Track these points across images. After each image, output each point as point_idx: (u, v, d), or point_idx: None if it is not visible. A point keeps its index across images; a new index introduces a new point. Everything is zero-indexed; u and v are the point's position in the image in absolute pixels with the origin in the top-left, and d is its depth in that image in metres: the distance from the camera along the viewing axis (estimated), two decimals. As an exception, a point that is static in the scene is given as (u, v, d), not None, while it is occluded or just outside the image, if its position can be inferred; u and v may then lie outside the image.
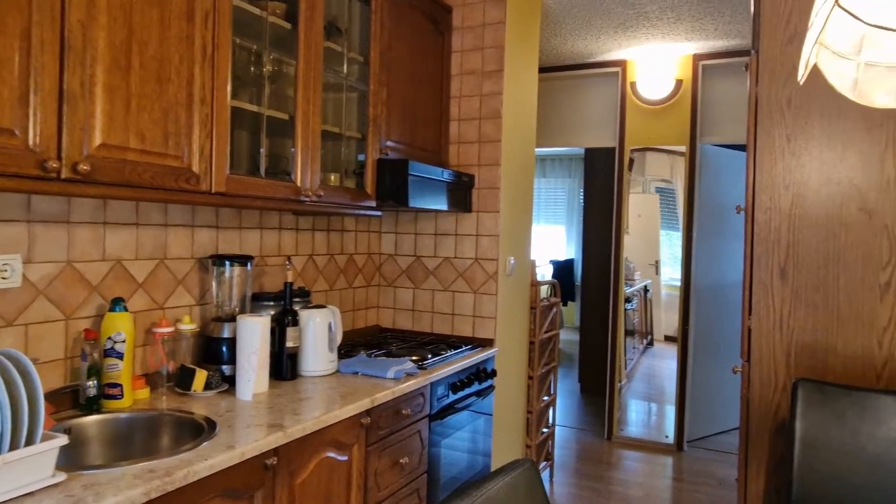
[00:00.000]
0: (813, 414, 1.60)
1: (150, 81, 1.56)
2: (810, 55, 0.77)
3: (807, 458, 1.58)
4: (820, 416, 1.59)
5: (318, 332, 2.23)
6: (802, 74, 0.81)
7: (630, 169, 4.61)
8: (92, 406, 1.69)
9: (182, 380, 1.90)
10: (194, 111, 1.68)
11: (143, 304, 1.95)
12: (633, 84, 4.50)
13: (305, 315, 2.24)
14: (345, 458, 1.91)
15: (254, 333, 1.95)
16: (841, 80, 0.85)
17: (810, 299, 1.89)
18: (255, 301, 2.25)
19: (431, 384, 2.36)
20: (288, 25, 2.06)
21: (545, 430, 3.66)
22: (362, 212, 2.44)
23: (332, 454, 1.85)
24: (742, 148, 3.98)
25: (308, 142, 2.10)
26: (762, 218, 1.96)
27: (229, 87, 1.78)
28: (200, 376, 1.89)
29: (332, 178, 2.34)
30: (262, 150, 2.03)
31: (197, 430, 1.64)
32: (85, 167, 1.40)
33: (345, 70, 2.38)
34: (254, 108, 1.96)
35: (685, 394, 4.42)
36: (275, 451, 1.61)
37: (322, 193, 2.17)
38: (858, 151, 1.85)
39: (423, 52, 2.80)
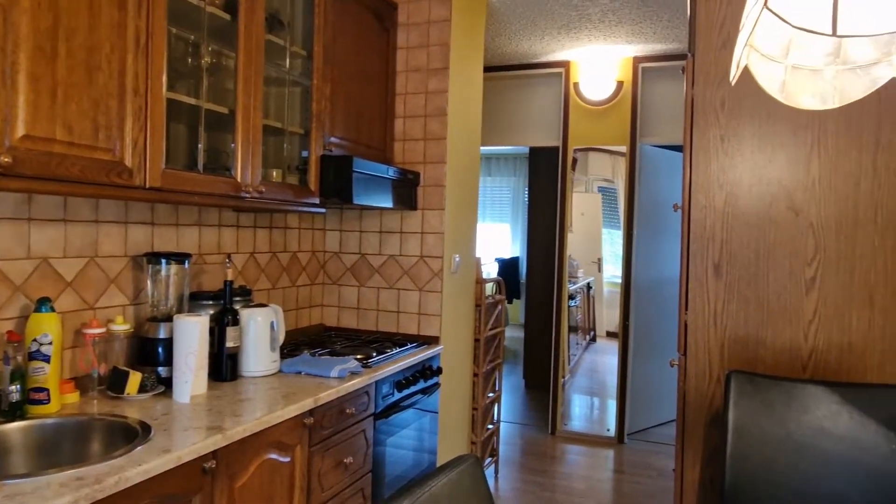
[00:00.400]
0: (744, 404, 1.66)
1: (78, 70, 1.49)
2: (741, 56, 0.79)
3: (739, 447, 1.64)
4: (751, 406, 1.66)
5: (259, 332, 2.18)
6: (734, 75, 0.84)
7: (573, 168, 4.70)
8: (15, 412, 1.60)
9: (114, 383, 1.82)
10: (127, 102, 1.61)
11: (71, 305, 1.86)
12: (576, 85, 4.58)
13: (246, 314, 2.18)
14: (287, 459, 1.87)
15: (192, 333, 1.89)
16: (770, 81, 0.89)
17: (742, 294, 1.97)
18: (194, 300, 2.18)
19: (376, 382, 2.34)
20: (227, 16, 2.00)
21: (490, 426, 3.69)
22: (306, 209, 2.40)
23: (273, 456, 1.81)
24: (679, 148, 4.11)
25: (249, 136, 2.05)
26: (697, 216, 2.03)
27: (165, 79, 1.72)
28: (134, 379, 1.82)
29: (275, 174, 2.29)
30: (201, 145, 1.97)
31: (130, 435, 1.57)
32: (6, 159, 1.33)
33: (287, 64, 2.33)
34: (191, 100, 1.90)
35: (626, 388, 4.54)
36: (213, 455, 1.57)
37: (264, 189, 2.12)
38: (786, 153, 1.94)
39: (368, 48, 2.77)
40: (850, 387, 1.66)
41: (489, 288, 3.71)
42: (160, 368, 1.96)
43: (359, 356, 2.43)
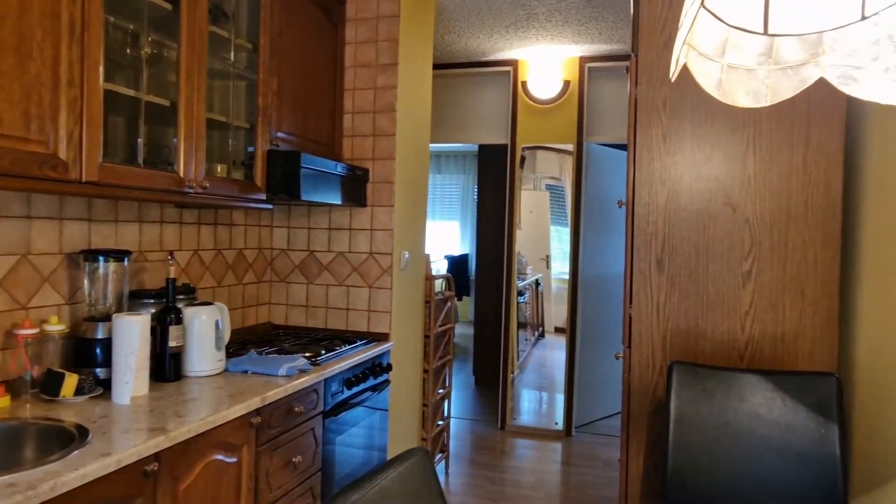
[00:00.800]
0: (686, 393, 1.72)
1: (7, 59, 1.42)
2: (679, 54, 0.82)
3: (680, 435, 1.70)
4: (691, 395, 1.72)
5: (203, 331, 2.13)
6: (673, 72, 0.87)
7: (522, 166, 4.75)
8: (-60, 418, 1.52)
9: (48, 385, 1.75)
10: (61, 93, 1.55)
11: (2, 304, 1.78)
12: (524, 83, 4.63)
13: (190, 312, 2.13)
14: (234, 459, 1.84)
15: (132, 333, 1.83)
16: (707, 79, 0.92)
17: (683, 287, 2.03)
18: (134, 299, 2.11)
19: (325, 380, 2.32)
20: (168, 6, 1.94)
21: (440, 422, 3.70)
22: (252, 205, 2.35)
23: (219, 456, 1.77)
24: (624, 147, 4.21)
25: (192, 130, 2.00)
26: (641, 212, 2.08)
27: (102, 69, 1.65)
28: (70, 381, 1.75)
29: (219, 168, 2.24)
30: (141, 139, 1.91)
31: (66, 439, 1.51)
32: (-72, 150, 1.25)
33: (232, 57, 2.28)
34: (131, 92, 1.83)
35: (573, 382, 4.62)
36: (156, 457, 1.52)
37: (208, 185, 2.07)
38: (723, 151, 2.01)
39: (315, 43, 2.73)
40: (783, 374, 1.74)
41: (438, 285, 3.72)
42: (98, 370, 1.89)
43: (307, 354, 2.40)
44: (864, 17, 0.57)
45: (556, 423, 4.66)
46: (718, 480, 1.68)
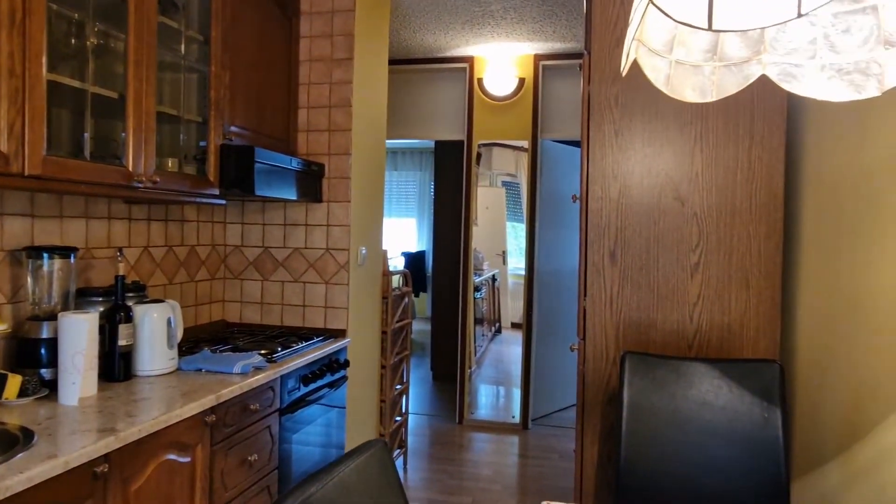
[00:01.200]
0: (638, 382, 1.77)
1: (-58, 45, 1.36)
2: (630, 50, 0.84)
3: (632, 423, 1.74)
4: (643, 384, 1.77)
5: (155, 329, 2.08)
6: (623, 66, 0.89)
7: (478, 163, 4.78)
8: None
9: (-9, 387, 1.68)
10: (1, 84, 1.49)
11: (-62, 304, 1.70)
12: (479, 80, 4.66)
13: (140, 310, 2.08)
14: (187, 459, 1.80)
15: (79, 332, 1.77)
16: (656, 74, 0.95)
17: (635, 279, 2.08)
18: (81, 297, 2.05)
19: (281, 377, 2.29)
20: (115, -5, 1.88)
21: (398, 418, 3.70)
22: (204, 200, 2.31)
23: (172, 456, 1.74)
24: (578, 144, 4.28)
25: (141, 123, 1.95)
26: (594, 206, 2.13)
27: (45, 59, 1.60)
28: (13, 382, 1.69)
29: (170, 163, 2.19)
30: (87, 132, 1.85)
31: (10, 442, 1.46)
32: None
33: (183, 49, 2.23)
34: (76, 83, 1.78)
35: (529, 376, 4.69)
36: (105, 458, 1.48)
37: (158, 180, 2.02)
38: (672, 147, 2.07)
39: (269, 36, 2.69)
40: (729, 362, 1.80)
41: (396, 280, 3.72)
42: (43, 370, 1.83)
43: (263, 351, 2.37)
44: (800, 15, 0.60)
45: (513, 417, 4.72)
46: (668, 466, 1.73)
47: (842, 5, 0.87)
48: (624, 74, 0.90)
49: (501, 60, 4.62)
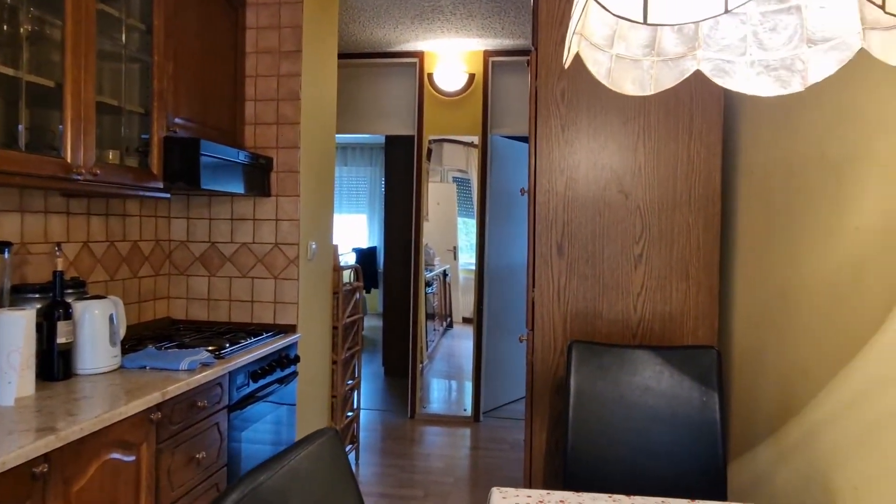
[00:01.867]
0: (584, 370, 1.82)
1: None
2: (571, 43, 0.87)
3: (579, 410, 1.79)
4: (589, 371, 1.82)
5: (96, 326, 2.02)
6: (566, 59, 0.92)
7: (429, 159, 4.80)
8: None
9: (-81, 388, 1.61)
10: (-73, 68, 1.42)
11: None
12: (430, 75, 4.67)
13: (80, 307, 2.01)
14: (132, 458, 1.76)
15: (15, 330, 1.71)
16: (598, 67, 0.98)
17: (581, 271, 2.14)
18: (16, 294, 1.97)
19: (230, 373, 2.26)
20: (50, -20, 1.82)
21: (350, 413, 3.69)
22: (147, 193, 2.25)
23: (116, 455, 1.70)
24: (527, 140, 4.35)
25: (80, 113, 1.88)
26: (542, 199, 2.17)
27: (-25, 44, 1.53)
28: (-56, 382, 1.62)
29: (111, 155, 2.12)
30: (23, 121, 1.78)
31: (-59, 443, 1.40)
32: None
33: (124, 38, 2.17)
34: (10, 71, 1.71)
35: (481, 369, 4.74)
36: (45, 458, 1.44)
37: (98, 172, 1.96)
38: (616, 141, 2.13)
39: (214, 27, 2.64)
40: (670, 349, 1.87)
41: (346, 275, 3.70)
42: (-24, 370, 1.75)
43: (210, 347, 2.33)
44: (727, 10, 0.64)
45: (465, 410, 4.76)
46: (613, 451, 1.79)
47: (768, 4, 0.92)
48: (566, 67, 0.93)
49: (451, 56, 4.64)
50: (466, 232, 5.19)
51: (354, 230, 9.08)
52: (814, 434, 1.52)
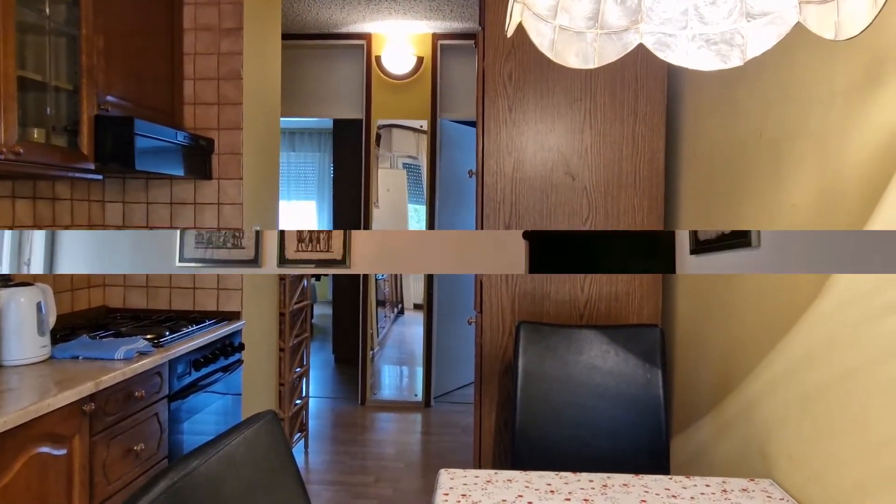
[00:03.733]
0: (532, 350, 1.83)
1: None
2: (513, 11, 0.85)
3: (527, 389, 1.80)
4: (537, 351, 1.83)
5: (23, 315, 1.92)
6: (507, 27, 0.90)
7: (378, 144, 4.73)
8: None
9: None
10: None
11: None
12: (378, 58, 4.59)
13: (5, 295, 1.90)
14: (63, 451, 1.68)
15: (-70, 318, 1.60)
16: (541, 38, 0.96)
17: (529, 252, 2.14)
18: (-67, 281, 1.85)
19: (170, 362, 2.18)
20: (-37, -57, 1.69)
21: (299, 401, 3.63)
22: (78, 175, 2.13)
23: (45, 449, 1.61)
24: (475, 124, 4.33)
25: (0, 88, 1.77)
26: (490, 181, 2.16)
27: None
28: None
29: (36, 133, 2.00)
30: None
31: None
32: None
33: (48, 10, 2.04)
34: (-84, 40, 1.58)
35: (431, 355, 4.73)
36: (-35, 453, 1.35)
37: (21, 151, 1.84)
38: (563, 123, 2.14)
39: (149, 1, 2.52)
40: (615, 328, 1.90)
41: (294, 261, 3.62)
42: None
43: (149, 336, 2.24)
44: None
45: (416, 396, 4.75)
46: (561, 429, 1.80)
47: (709, -23, 0.92)
48: (508, 35, 0.91)
49: (400, 39, 4.57)
50: (417, 219, 5.15)
51: (303, 217, 8.92)
52: (752, 406, 1.56)
